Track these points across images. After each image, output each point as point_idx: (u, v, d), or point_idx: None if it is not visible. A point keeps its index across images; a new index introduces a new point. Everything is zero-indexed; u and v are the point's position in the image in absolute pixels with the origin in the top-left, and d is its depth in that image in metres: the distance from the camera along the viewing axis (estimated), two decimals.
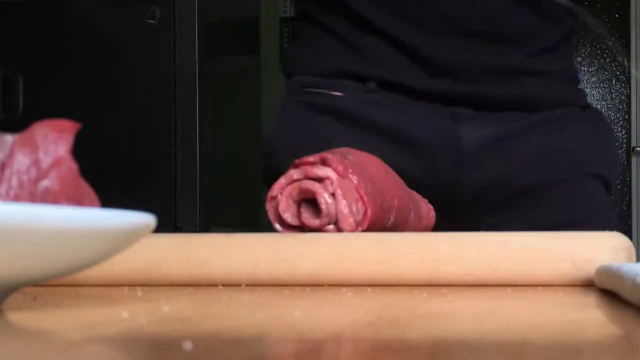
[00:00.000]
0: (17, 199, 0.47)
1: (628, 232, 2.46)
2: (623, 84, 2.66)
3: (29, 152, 0.48)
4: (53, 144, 0.48)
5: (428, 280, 0.65)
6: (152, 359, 0.33)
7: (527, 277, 0.64)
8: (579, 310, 0.50)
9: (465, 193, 1.00)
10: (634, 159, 2.62)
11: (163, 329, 0.40)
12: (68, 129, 0.49)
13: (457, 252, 0.64)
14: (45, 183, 0.47)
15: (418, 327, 0.41)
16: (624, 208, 2.60)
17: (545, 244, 0.64)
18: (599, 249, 0.64)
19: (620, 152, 2.62)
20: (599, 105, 2.62)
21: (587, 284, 0.63)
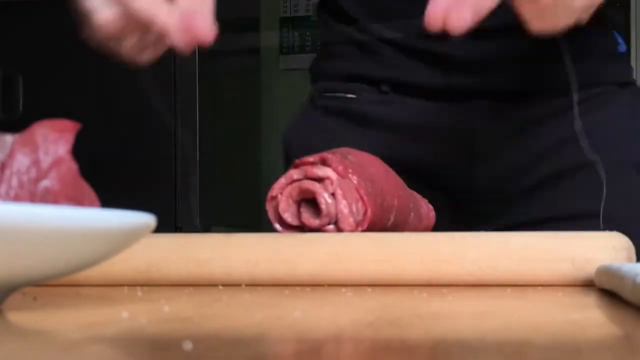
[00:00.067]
0: (17, 199, 0.47)
1: None
2: None
3: (29, 152, 0.48)
4: (53, 144, 0.48)
5: (428, 280, 0.65)
6: (152, 359, 0.33)
7: (527, 277, 0.64)
8: (579, 310, 0.50)
9: (480, 185, 0.99)
10: None
11: (163, 329, 0.40)
12: (68, 129, 0.49)
13: (457, 252, 0.64)
14: (45, 183, 0.48)
15: (418, 327, 0.41)
16: None
17: (545, 244, 0.64)
18: (599, 249, 0.64)
19: None
20: None
21: (587, 284, 0.63)
